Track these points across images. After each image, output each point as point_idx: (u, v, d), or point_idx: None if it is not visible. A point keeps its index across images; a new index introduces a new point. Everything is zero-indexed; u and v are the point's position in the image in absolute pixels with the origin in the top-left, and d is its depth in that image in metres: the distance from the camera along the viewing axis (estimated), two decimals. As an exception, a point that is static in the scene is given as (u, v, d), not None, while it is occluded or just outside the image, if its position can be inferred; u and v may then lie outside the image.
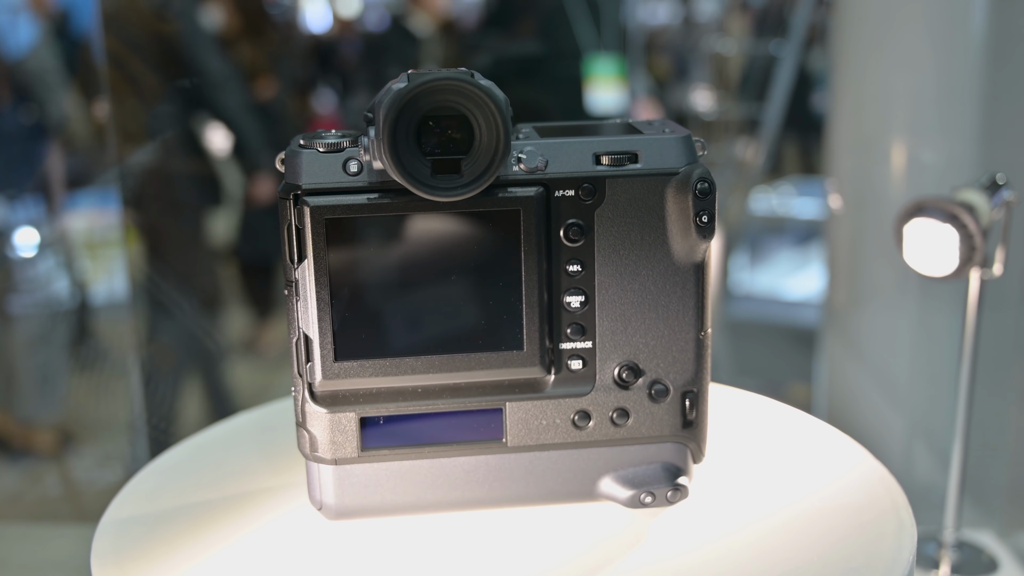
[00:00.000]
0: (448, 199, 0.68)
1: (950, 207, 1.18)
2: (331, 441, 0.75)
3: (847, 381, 1.81)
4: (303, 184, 0.71)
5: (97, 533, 0.78)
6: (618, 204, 0.73)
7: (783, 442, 0.90)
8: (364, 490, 0.76)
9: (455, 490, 0.77)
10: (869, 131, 1.68)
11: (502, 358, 0.74)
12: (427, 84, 0.65)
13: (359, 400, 0.75)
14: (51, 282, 2.63)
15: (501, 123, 0.66)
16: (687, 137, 0.74)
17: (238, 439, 0.95)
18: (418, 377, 0.74)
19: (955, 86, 1.60)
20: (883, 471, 0.83)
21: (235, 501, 0.83)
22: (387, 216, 0.71)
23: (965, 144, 1.61)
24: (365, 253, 0.72)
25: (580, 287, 0.74)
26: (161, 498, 0.83)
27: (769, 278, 3.76)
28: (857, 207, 1.71)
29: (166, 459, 0.91)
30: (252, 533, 0.78)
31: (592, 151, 0.73)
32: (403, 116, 0.66)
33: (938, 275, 1.22)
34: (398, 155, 0.66)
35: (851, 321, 1.77)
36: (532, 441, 0.76)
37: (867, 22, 1.67)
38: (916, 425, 1.70)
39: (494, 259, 0.72)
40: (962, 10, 1.59)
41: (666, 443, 0.77)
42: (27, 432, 2.61)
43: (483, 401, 0.75)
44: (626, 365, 0.76)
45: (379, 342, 0.73)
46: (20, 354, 2.62)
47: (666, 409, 0.76)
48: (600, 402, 0.76)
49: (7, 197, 2.49)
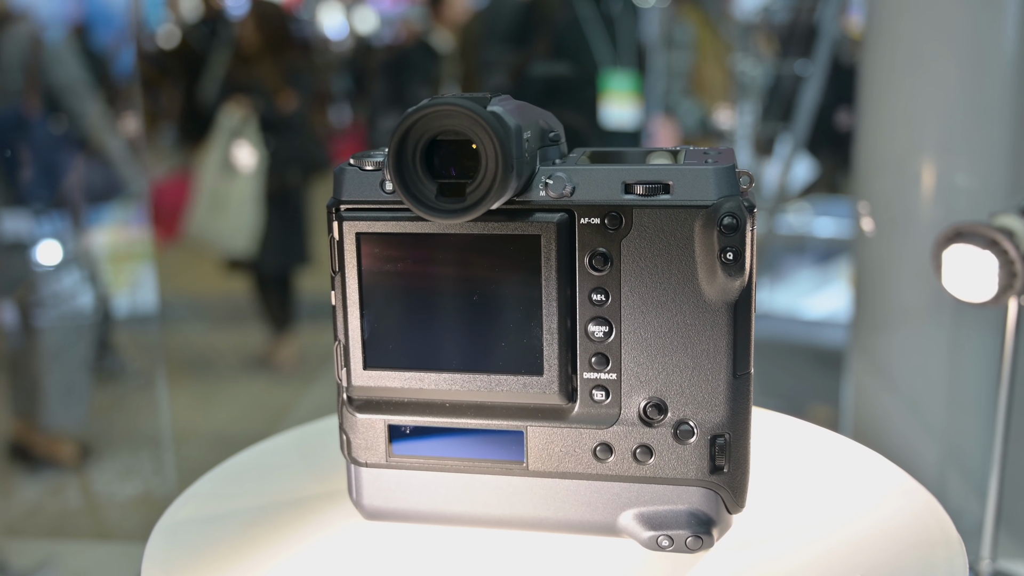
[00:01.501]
0: (448, 220, 0.69)
1: (990, 233, 1.17)
2: (363, 444, 0.79)
3: (875, 404, 1.79)
4: (343, 199, 0.75)
5: (151, 539, 0.80)
6: (646, 235, 0.72)
7: (824, 466, 0.89)
8: (393, 494, 0.80)
9: (478, 507, 0.79)
10: (899, 152, 1.68)
11: (522, 382, 0.75)
12: (429, 110, 0.67)
13: (388, 408, 0.78)
14: (75, 296, 2.64)
15: (500, 149, 0.66)
16: (727, 169, 0.71)
17: (290, 450, 0.96)
18: (442, 392, 0.76)
19: (985, 106, 1.60)
20: (930, 499, 0.82)
21: (285, 507, 0.85)
22: (414, 234, 0.74)
23: (996, 164, 1.60)
24: (393, 268, 0.75)
25: (604, 317, 0.73)
26: (213, 505, 0.84)
27: (789, 297, 3.75)
28: (887, 228, 1.70)
29: (226, 467, 0.93)
30: (300, 538, 0.80)
31: (622, 179, 0.71)
32: (408, 139, 0.68)
33: (977, 301, 1.21)
34: (403, 176, 0.68)
35: (880, 344, 1.76)
36: (552, 468, 0.76)
37: (896, 42, 1.67)
38: (949, 451, 1.69)
39: (516, 282, 0.73)
40: (993, 30, 1.59)
41: (692, 487, 0.74)
42: (49, 442, 2.62)
43: (505, 423, 0.76)
44: (651, 402, 0.74)
45: (406, 354, 0.76)
46: (44, 366, 2.63)
47: (692, 451, 0.74)
48: (623, 436, 0.74)
49: (33, 211, 2.50)
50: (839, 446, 0.93)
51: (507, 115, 0.68)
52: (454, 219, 0.68)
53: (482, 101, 0.68)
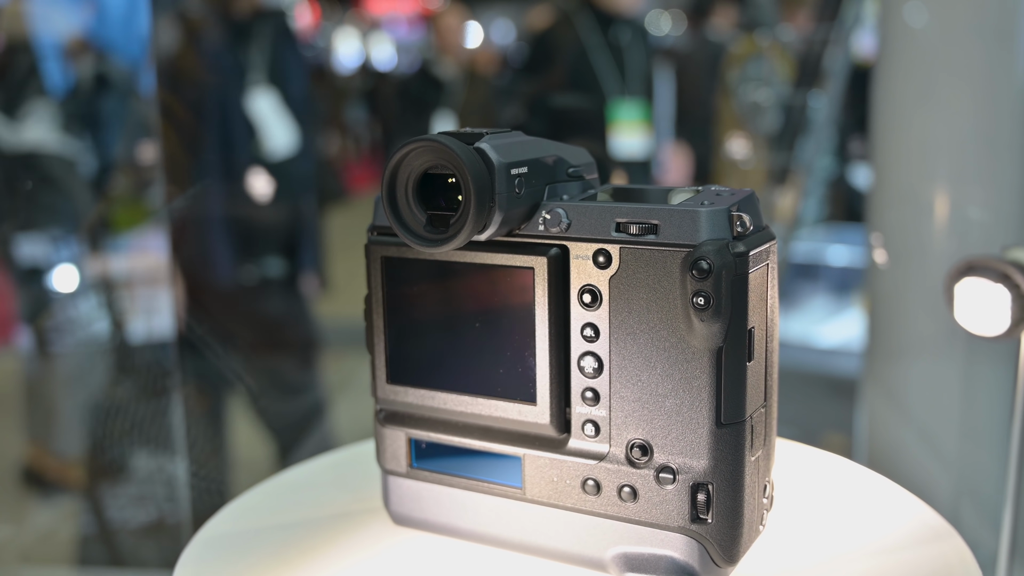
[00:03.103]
0: (429, 249, 0.72)
1: (1001, 267, 1.18)
2: (390, 454, 0.84)
3: (889, 434, 1.79)
4: (377, 225, 0.81)
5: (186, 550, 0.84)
6: (632, 275, 0.71)
7: (841, 496, 0.89)
8: (414, 503, 0.84)
9: (482, 526, 0.82)
10: (912, 185, 1.68)
11: (518, 410, 0.77)
12: (414, 146, 0.71)
13: (409, 422, 0.83)
14: (92, 322, 2.65)
15: (473, 184, 0.69)
16: (717, 212, 0.69)
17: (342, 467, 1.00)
18: (452, 412, 0.80)
19: (999, 139, 1.60)
20: (950, 530, 0.82)
21: (326, 521, 0.89)
22: (427, 261, 0.78)
23: (1009, 198, 1.61)
24: (412, 291, 0.80)
25: (595, 353, 0.73)
26: (251, 519, 0.87)
27: (803, 325, 3.74)
28: (900, 260, 1.70)
29: (275, 481, 0.97)
30: (337, 549, 0.84)
31: (615, 218, 0.71)
32: (400, 172, 0.72)
33: (989, 335, 1.22)
34: (395, 206, 0.73)
35: (893, 374, 1.76)
36: (546, 497, 0.77)
37: (909, 73, 1.68)
38: (962, 482, 1.68)
39: (513, 312, 0.75)
40: (1006, 63, 1.59)
41: (674, 534, 0.73)
42: (62, 467, 2.63)
43: (506, 448, 0.78)
44: (637, 442, 0.73)
45: (422, 373, 0.81)
46: (59, 391, 2.64)
47: (673, 497, 0.72)
48: (610, 474, 0.74)
49: (51, 238, 2.53)
50: (857, 476, 0.93)
51: (494, 152, 0.70)
52: (433, 248, 0.72)
53: (470, 138, 0.71)
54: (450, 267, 0.77)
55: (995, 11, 1.58)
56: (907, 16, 1.65)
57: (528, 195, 0.73)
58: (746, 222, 0.69)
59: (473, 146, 0.70)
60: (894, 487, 0.90)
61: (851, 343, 3.26)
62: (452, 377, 0.79)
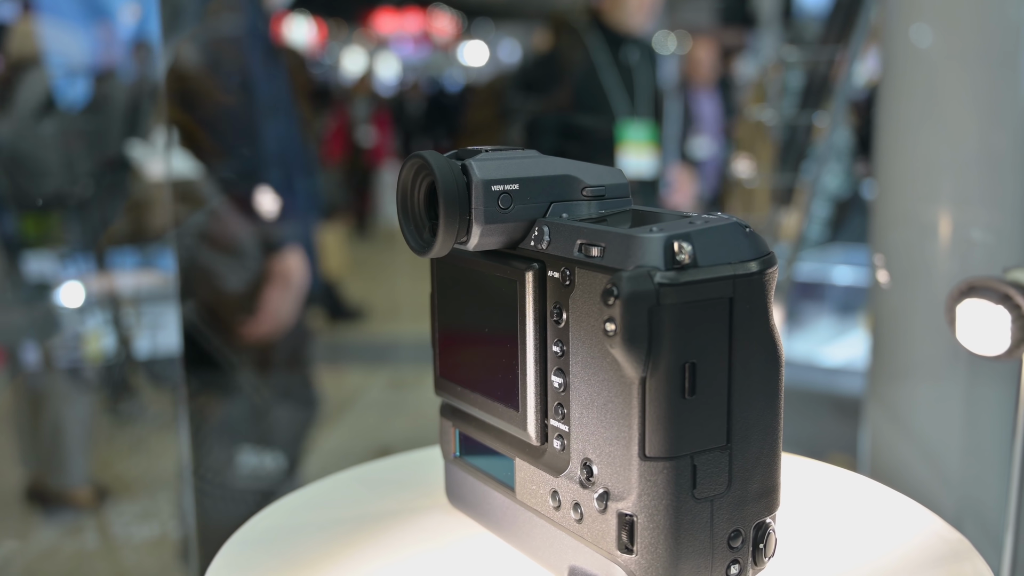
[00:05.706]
0: (418, 254, 0.78)
1: (1003, 288, 1.18)
2: (444, 441, 0.93)
3: (892, 453, 1.79)
4: None
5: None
6: (584, 295, 0.71)
7: (851, 510, 0.89)
8: (459, 490, 0.92)
9: (496, 520, 0.87)
10: (914, 205, 1.69)
11: (508, 415, 0.80)
12: (409, 161, 0.78)
13: (453, 414, 0.91)
14: (98, 338, 2.67)
15: (443, 197, 0.74)
16: (656, 239, 0.66)
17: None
18: (474, 410, 0.86)
19: (1001, 161, 1.61)
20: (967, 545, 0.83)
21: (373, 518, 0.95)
22: (454, 266, 0.85)
23: (1012, 219, 1.61)
24: (448, 293, 0.87)
25: (562, 368, 0.75)
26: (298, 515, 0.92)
27: (808, 344, 3.74)
28: (903, 281, 1.71)
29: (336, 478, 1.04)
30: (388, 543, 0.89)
31: (578, 239, 0.72)
32: (407, 184, 0.79)
33: (991, 355, 1.22)
34: (406, 213, 0.79)
35: (896, 394, 1.76)
36: (529, 502, 0.80)
37: (913, 93, 1.69)
38: (965, 501, 1.68)
39: (507, 321, 0.79)
40: (1010, 83, 1.60)
41: (609, 561, 0.71)
42: (67, 489, 2.63)
43: (505, 449, 0.83)
44: (586, 462, 0.72)
45: (458, 371, 0.87)
46: (63, 407, 2.65)
47: (607, 523, 0.71)
48: (567, 489, 0.75)
49: (59, 255, 2.54)
50: (866, 489, 0.94)
51: (479, 169, 0.74)
52: (418, 254, 0.78)
53: (466, 154, 0.75)
54: (465, 273, 0.83)
55: (1000, 33, 1.59)
56: (913, 37, 1.66)
57: (522, 211, 0.76)
58: (687, 252, 0.65)
59: (462, 162, 0.75)
60: (910, 503, 0.91)
61: (856, 362, 3.27)
62: (472, 377, 0.85)
